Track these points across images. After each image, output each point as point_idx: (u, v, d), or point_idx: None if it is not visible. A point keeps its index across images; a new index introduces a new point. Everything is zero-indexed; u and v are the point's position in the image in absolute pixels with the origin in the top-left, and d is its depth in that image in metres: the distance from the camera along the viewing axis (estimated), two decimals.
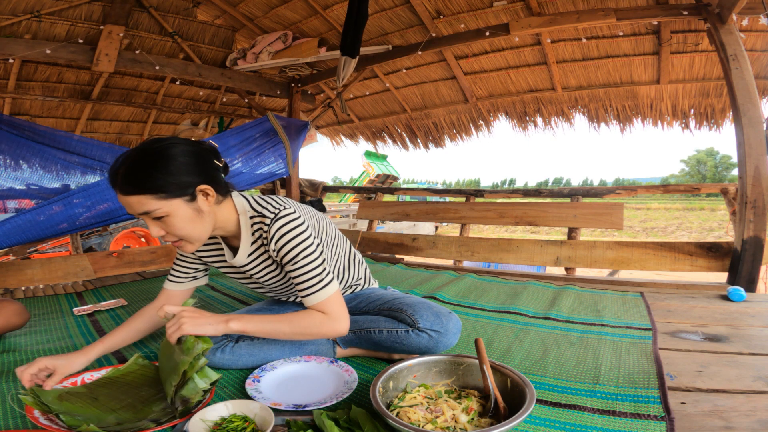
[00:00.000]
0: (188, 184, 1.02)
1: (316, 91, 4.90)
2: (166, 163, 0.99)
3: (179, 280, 1.32)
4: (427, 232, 11.14)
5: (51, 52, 3.11)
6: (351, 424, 0.93)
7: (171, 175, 0.99)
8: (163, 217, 1.00)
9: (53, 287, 2.44)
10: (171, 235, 1.05)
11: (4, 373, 1.24)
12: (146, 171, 0.97)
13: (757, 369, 1.21)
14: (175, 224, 1.02)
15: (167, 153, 1.00)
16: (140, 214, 1.00)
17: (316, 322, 1.12)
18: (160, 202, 0.98)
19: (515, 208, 3.19)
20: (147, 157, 0.98)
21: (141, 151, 0.99)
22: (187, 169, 1.02)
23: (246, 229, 1.18)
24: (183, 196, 1.01)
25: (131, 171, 0.97)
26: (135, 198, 0.97)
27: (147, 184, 0.97)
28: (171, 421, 0.94)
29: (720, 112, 3.31)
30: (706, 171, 42.98)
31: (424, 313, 1.24)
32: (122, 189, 0.98)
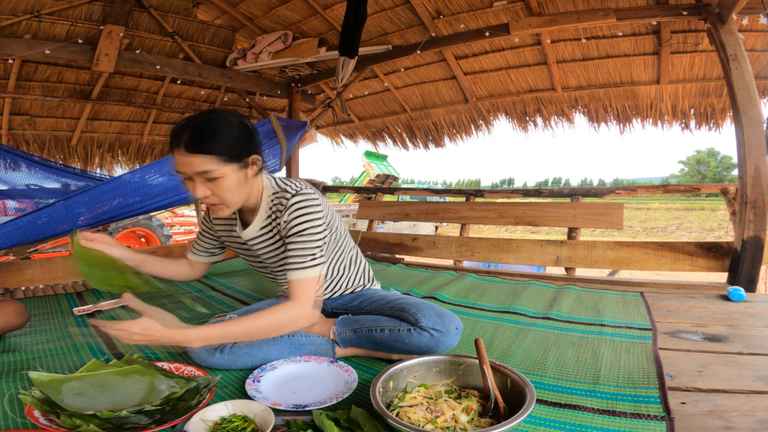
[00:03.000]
0: (243, 153, 1.11)
1: (316, 91, 4.90)
2: (229, 130, 1.08)
3: (199, 253, 1.44)
4: (427, 232, 11.14)
5: (51, 52, 3.11)
6: (351, 424, 0.93)
7: (233, 141, 1.08)
8: (215, 179, 1.08)
9: (53, 287, 2.44)
10: (214, 197, 1.11)
11: (4, 373, 1.24)
12: (213, 134, 1.05)
13: (757, 369, 1.21)
14: (223, 187, 1.09)
15: (231, 121, 1.10)
16: (197, 173, 1.06)
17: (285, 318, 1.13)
18: (219, 164, 1.06)
19: (515, 208, 3.19)
20: (214, 123, 1.07)
21: (206, 117, 1.07)
22: (245, 139, 1.12)
23: (265, 205, 1.25)
24: (237, 162, 1.10)
25: (199, 132, 1.04)
26: (198, 157, 1.04)
27: (213, 146, 1.05)
28: (171, 421, 0.94)
29: (720, 112, 3.31)
30: (706, 171, 42.98)
31: (427, 312, 1.25)
32: (187, 148, 1.04)
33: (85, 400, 0.99)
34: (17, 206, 2.83)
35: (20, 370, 1.25)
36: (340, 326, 1.36)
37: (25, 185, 2.78)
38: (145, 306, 1.13)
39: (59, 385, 1.02)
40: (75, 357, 1.38)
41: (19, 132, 4.19)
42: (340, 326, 1.36)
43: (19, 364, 1.30)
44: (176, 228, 9.11)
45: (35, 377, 1.01)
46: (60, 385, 1.02)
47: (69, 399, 0.98)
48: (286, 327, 1.16)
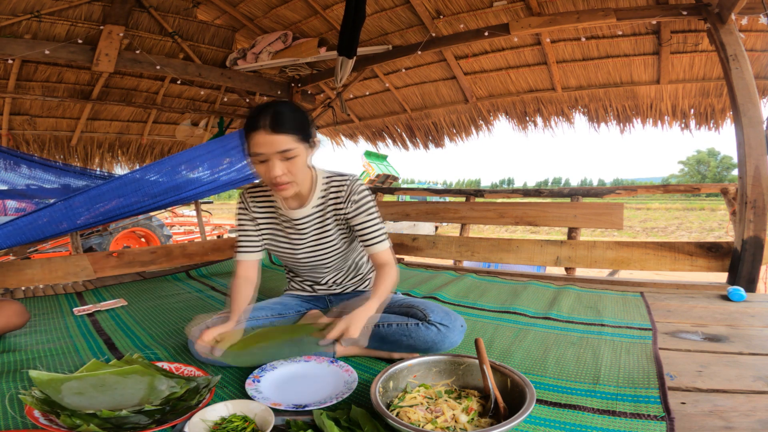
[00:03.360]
0: (310, 135, 1.25)
1: (316, 91, 4.90)
2: (303, 116, 1.23)
3: (248, 249, 1.44)
4: (427, 232, 11.14)
5: (51, 52, 3.11)
6: (351, 424, 0.93)
7: (307, 124, 1.23)
8: (292, 158, 1.19)
9: (53, 287, 2.44)
10: (289, 175, 1.21)
11: (4, 373, 1.24)
12: (293, 118, 1.19)
13: (757, 369, 1.21)
14: (297, 165, 1.22)
15: (298, 107, 1.25)
16: (278, 152, 1.17)
17: (394, 276, 1.31)
18: (297, 143, 1.19)
19: (515, 208, 3.19)
20: (288, 108, 1.21)
21: (284, 103, 1.22)
22: (310, 122, 1.26)
23: (319, 187, 1.37)
24: (307, 142, 1.24)
25: (281, 115, 1.17)
26: (281, 137, 1.16)
27: (294, 127, 1.18)
28: (171, 421, 0.94)
29: (720, 112, 3.31)
30: (706, 171, 42.96)
31: (435, 309, 1.32)
32: (272, 128, 1.15)
33: (85, 400, 0.99)
34: (17, 206, 2.83)
35: (20, 370, 1.25)
36: None
37: (25, 185, 2.78)
38: None
39: (59, 385, 1.02)
40: (75, 357, 1.38)
41: (19, 132, 4.19)
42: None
43: (19, 364, 1.30)
44: (176, 228, 9.11)
45: (35, 376, 1.01)
46: (60, 385, 1.02)
47: (69, 398, 0.98)
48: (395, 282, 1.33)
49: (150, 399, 1.02)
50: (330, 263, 1.47)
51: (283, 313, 1.51)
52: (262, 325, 1.42)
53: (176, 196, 2.81)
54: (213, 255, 3.26)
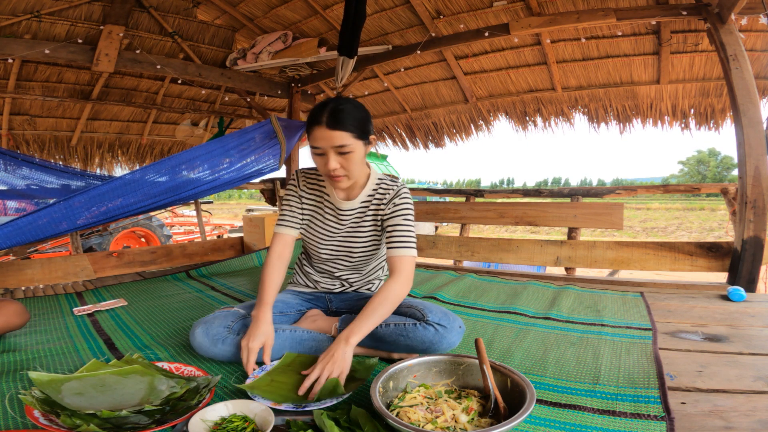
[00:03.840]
0: (368, 133, 1.30)
1: (316, 91, 4.90)
2: (359, 113, 1.27)
3: (290, 224, 1.47)
4: (427, 232, 11.14)
5: (51, 52, 3.11)
6: (351, 424, 0.93)
7: (363, 122, 1.27)
8: (347, 153, 1.24)
9: (53, 287, 2.44)
10: (343, 169, 1.27)
11: (4, 373, 1.24)
12: (351, 115, 1.24)
13: (757, 369, 1.21)
14: (352, 160, 1.26)
15: (358, 106, 1.29)
16: (335, 146, 1.23)
17: (398, 291, 1.27)
18: (353, 139, 1.24)
19: (515, 208, 3.19)
20: (350, 105, 1.25)
21: (342, 101, 1.26)
22: (368, 122, 1.31)
23: (371, 185, 1.42)
24: (364, 139, 1.29)
25: (339, 112, 1.22)
26: (339, 133, 1.22)
27: (351, 124, 1.23)
28: (171, 421, 0.94)
29: (720, 112, 3.31)
30: (706, 171, 42.97)
31: (434, 309, 1.33)
32: (330, 125, 1.21)
33: (85, 400, 0.99)
34: (17, 206, 2.83)
35: (20, 370, 1.25)
36: (343, 323, 1.39)
37: (25, 185, 2.78)
38: None
39: (59, 385, 1.02)
40: (75, 357, 1.38)
41: (19, 132, 4.19)
42: (343, 323, 1.39)
43: (19, 364, 1.30)
44: (176, 228, 9.11)
45: (35, 377, 1.01)
46: (60, 385, 1.02)
47: (69, 398, 0.98)
48: (401, 296, 1.28)
49: (150, 399, 1.02)
50: (353, 260, 1.51)
51: (285, 312, 1.52)
52: None
53: (176, 196, 2.81)
54: (213, 255, 3.26)
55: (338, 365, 1.10)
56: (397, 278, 1.27)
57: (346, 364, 1.12)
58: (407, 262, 1.31)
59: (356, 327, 1.18)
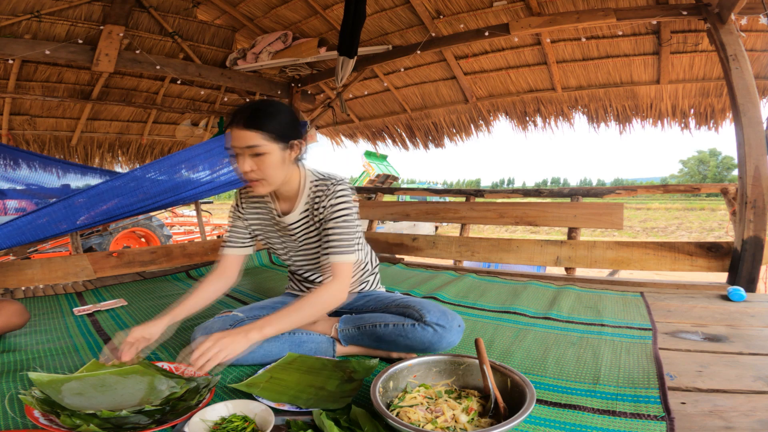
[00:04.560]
0: (288, 136, 1.24)
1: (316, 91, 4.90)
2: (279, 115, 1.23)
3: (234, 245, 1.46)
4: (427, 232, 11.14)
5: (51, 52, 3.11)
6: (351, 424, 0.93)
7: (280, 124, 1.22)
8: (260, 155, 1.20)
9: (53, 287, 2.44)
10: (257, 173, 1.22)
11: (4, 373, 1.24)
12: (267, 115, 1.20)
13: (757, 369, 1.21)
14: (266, 163, 1.21)
15: (281, 108, 1.25)
16: (247, 146, 1.19)
17: (329, 294, 1.22)
18: (266, 141, 1.20)
19: (515, 208, 3.19)
20: (268, 107, 1.22)
21: (262, 102, 1.23)
22: (291, 125, 1.25)
23: (306, 191, 1.36)
24: (282, 143, 1.23)
25: (255, 113, 1.19)
26: (251, 133, 1.18)
27: (263, 125, 1.19)
28: (171, 421, 0.94)
29: (720, 112, 3.31)
30: (707, 171, 42.99)
31: (432, 309, 1.30)
32: (244, 124, 1.18)
33: (85, 400, 0.99)
34: (17, 206, 2.83)
35: (20, 370, 1.25)
36: (343, 323, 1.38)
37: (25, 185, 2.78)
38: None
39: (59, 386, 1.02)
40: (75, 357, 1.38)
41: (19, 132, 4.19)
42: (343, 323, 1.38)
43: (19, 364, 1.30)
44: (176, 228, 9.10)
45: (35, 377, 1.01)
46: (60, 385, 1.02)
47: (69, 399, 0.98)
48: (331, 302, 1.23)
49: (150, 399, 1.02)
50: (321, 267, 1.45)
51: None
52: None
53: (176, 196, 2.81)
54: (213, 255, 3.26)
55: (229, 348, 1.06)
56: (332, 282, 1.24)
57: (236, 349, 1.07)
58: (341, 268, 1.25)
59: (274, 320, 1.15)
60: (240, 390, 1.10)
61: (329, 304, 1.23)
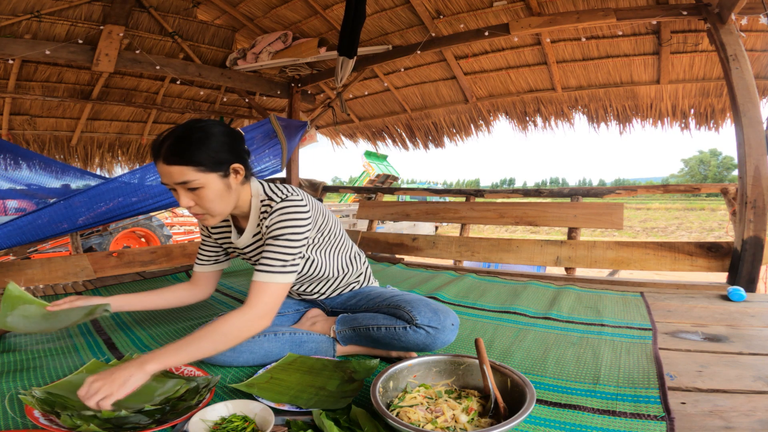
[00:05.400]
0: (224, 161, 1.11)
1: (316, 91, 4.90)
2: (208, 140, 1.07)
3: (204, 262, 1.41)
4: (427, 232, 11.14)
5: (51, 52, 3.11)
6: (351, 424, 0.93)
7: (212, 151, 1.08)
8: (197, 189, 1.08)
9: (53, 287, 2.44)
10: (198, 207, 1.12)
11: (4, 373, 1.24)
12: (191, 145, 1.05)
13: (757, 369, 1.21)
14: (206, 196, 1.10)
15: (210, 131, 1.09)
16: (178, 183, 1.07)
17: (236, 325, 1.06)
18: (198, 174, 1.06)
19: (515, 208, 3.19)
20: (192, 134, 1.07)
21: (186, 128, 1.08)
22: (225, 148, 1.11)
23: (255, 211, 1.25)
24: (218, 171, 1.10)
25: (177, 144, 1.05)
26: (177, 168, 1.05)
27: (191, 156, 1.05)
28: (171, 421, 0.94)
29: (720, 112, 3.31)
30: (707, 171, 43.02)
31: (422, 309, 1.24)
32: (166, 159, 1.05)
33: None
34: (17, 206, 2.82)
35: (20, 370, 1.25)
36: (339, 324, 1.38)
37: (25, 185, 2.78)
38: None
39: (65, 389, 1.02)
40: (75, 357, 1.38)
41: (19, 132, 4.19)
42: (339, 324, 1.38)
43: (19, 364, 1.30)
44: (176, 228, 9.11)
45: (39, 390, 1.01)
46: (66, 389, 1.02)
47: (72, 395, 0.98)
48: (236, 335, 1.07)
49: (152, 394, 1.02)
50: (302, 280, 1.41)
51: (283, 312, 1.52)
52: None
53: None
54: None
55: (109, 387, 0.90)
56: (241, 309, 1.09)
57: (120, 388, 0.90)
58: (261, 288, 1.10)
59: (162, 354, 0.98)
60: (240, 390, 1.10)
61: (236, 337, 1.06)
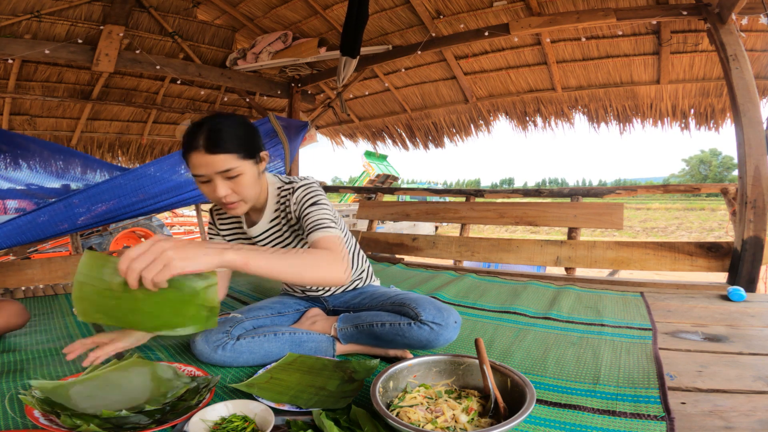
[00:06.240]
0: (256, 149, 1.18)
1: (316, 91, 4.90)
2: (241, 129, 1.14)
3: None
4: (427, 232, 11.14)
5: (51, 52, 3.11)
6: (351, 424, 0.93)
7: (247, 139, 1.14)
8: (236, 177, 1.13)
9: (53, 287, 2.44)
10: (235, 195, 1.15)
11: (4, 373, 1.24)
12: (229, 135, 1.10)
13: (757, 369, 1.21)
14: (244, 183, 1.15)
15: (240, 121, 1.16)
16: (219, 172, 1.10)
17: (326, 258, 1.03)
18: (239, 161, 1.12)
19: (515, 208, 3.19)
20: (226, 124, 1.11)
21: (217, 119, 1.12)
22: (254, 136, 1.18)
23: (272, 199, 1.31)
24: (252, 158, 1.16)
25: (216, 134, 1.08)
26: (220, 157, 1.09)
27: (231, 145, 1.10)
28: (171, 421, 0.94)
29: (720, 112, 3.31)
30: (707, 171, 43.06)
31: (427, 306, 1.27)
32: (207, 149, 1.08)
33: (98, 401, 0.99)
34: (17, 206, 2.83)
35: (20, 371, 1.25)
36: (341, 322, 1.38)
37: (25, 185, 2.78)
38: None
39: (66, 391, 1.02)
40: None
41: (19, 132, 4.19)
42: (341, 322, 1.38)
43: (19, 364, 1.30)
44: (176, 228, 9.10)
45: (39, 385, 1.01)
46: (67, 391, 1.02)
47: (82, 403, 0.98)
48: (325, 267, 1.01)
49: (160, 389, 1.03)
50: None
51: (283, 312, 1.52)
52: (263, 324, 1.42)
53: (177, 197, 2.81)
54: None
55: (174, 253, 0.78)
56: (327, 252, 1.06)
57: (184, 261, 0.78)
58: (330, 240, 1.11)
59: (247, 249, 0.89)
60: (240, 390, 1.10)
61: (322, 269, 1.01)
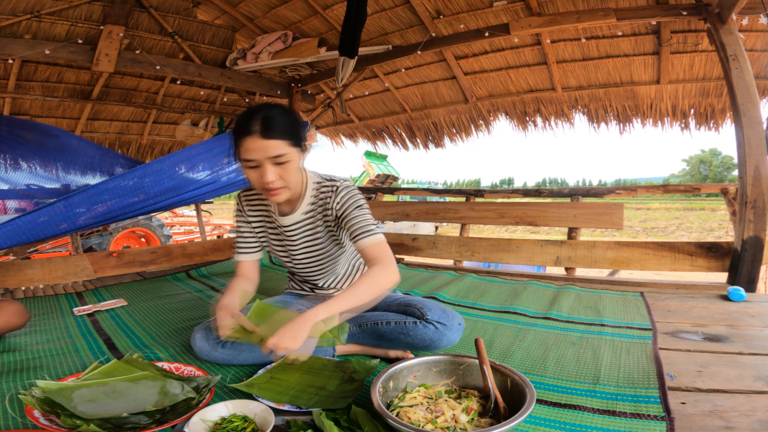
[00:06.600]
0: (301, 137, 1.23)
1: (316, 91, 4.90)
2: (293, 119, 1.20)
3: (248, 250, 1.44)
4: (427, 232, 11.14)
5: (51, 52, 3.11)
6: (351, 424, 0.93)
7: (297, 127, 1.20)
8: (285, 163, 1.17)
9: (53, 287, 2.44)
10: (281, 180, 1.19)
11: (4, 373, 1.24)
12: (285, 121, 1.16)
13: (757, 369, 1.21)
14: (291, 169, 1.19)
15: (291, 111, 1.23)
16: (271, 157, 1.14)
17: (383, 275, 1.17)
18: (290, 147, 1.17)
19: (515, 208, 3.19)
20: (282, 111, 1.18)
21: (275, 107, 1.18)
22: (300, 127, 1.23)
23: (310, 192, 1.34)
24: (299, 146, 1.21)
25: (271, 120, 1.14)
26: (275, 142, 1.13)
27: (285, 131, 1.15)
28: (171, 421, 0.94)
29: (720, 112, 3.31)
30: (708, 171, 43.06)
31: (433, 307, 1.31)
32: (264, 134, 1.12)
33: (99, 406, 0.99)
34: (17, 206, 2.83)
35: (20, 370, 1.25)
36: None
37: (25, 185, 2.78)
38: None
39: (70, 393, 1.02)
40: (75, 357, 1.38)
41: None
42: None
43: (19, 364, 1.30)
44: (176, 228, 9.11)
45: (44, 386, 1.01)
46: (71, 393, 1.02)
47: (82, 406, 0.98)
48: (385, 283, 1.17)
49: (165, 403, 1.01)
50: (324, 268, 1.45)
51: None
52: None
53: (177, 197, 2.80)
54: (213, 255, 3.26)
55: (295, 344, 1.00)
56: (378, 265, 1.18)
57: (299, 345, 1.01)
58: (377, 247, 1.21)
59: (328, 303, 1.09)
60: (240, 390, 1.10)
61: (384, 285, 1.16)
